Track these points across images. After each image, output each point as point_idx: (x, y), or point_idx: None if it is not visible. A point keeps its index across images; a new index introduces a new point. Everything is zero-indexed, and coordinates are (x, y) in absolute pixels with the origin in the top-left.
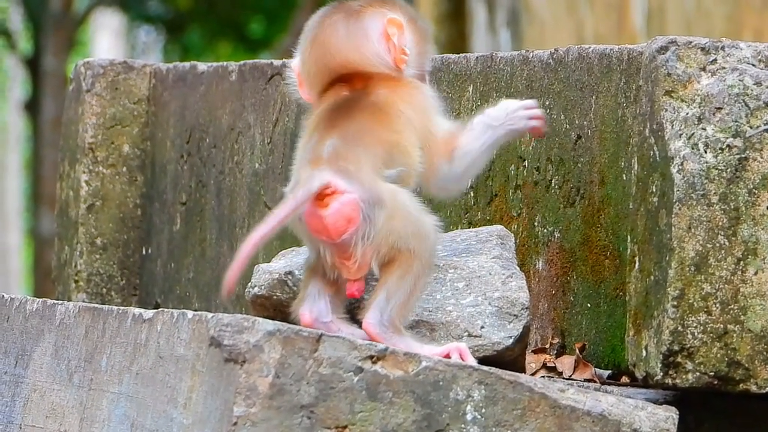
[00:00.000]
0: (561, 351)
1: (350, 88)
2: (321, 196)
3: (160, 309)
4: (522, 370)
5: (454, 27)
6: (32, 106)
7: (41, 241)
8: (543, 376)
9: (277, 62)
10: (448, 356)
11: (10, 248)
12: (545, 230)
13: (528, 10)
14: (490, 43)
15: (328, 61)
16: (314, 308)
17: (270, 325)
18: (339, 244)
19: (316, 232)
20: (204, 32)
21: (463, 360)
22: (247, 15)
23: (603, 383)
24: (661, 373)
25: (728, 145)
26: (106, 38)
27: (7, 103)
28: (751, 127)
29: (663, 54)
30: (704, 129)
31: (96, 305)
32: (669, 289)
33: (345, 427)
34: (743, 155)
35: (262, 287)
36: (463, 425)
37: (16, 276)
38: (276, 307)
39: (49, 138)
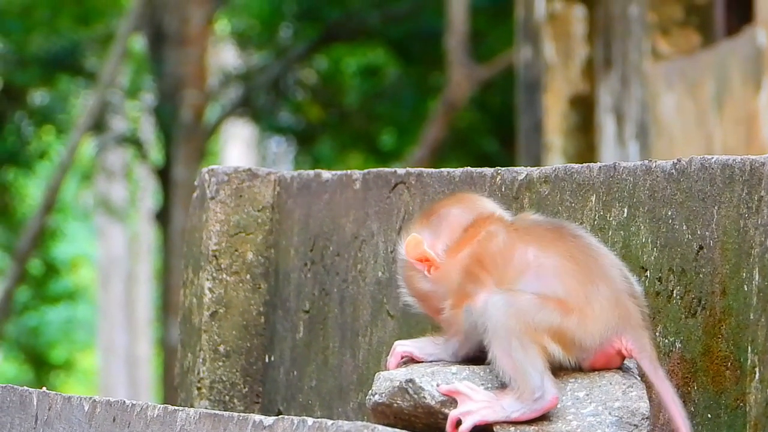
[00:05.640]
0: None
1: None
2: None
3: (280, 416)
4: None
5: (583, 139)
6: (163, 216)
7: (170, 351)
8: None
9: (401, 171)
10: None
11: (140, 358)
12: (666, 341)
13: (657, 123)
14: (618, 155)
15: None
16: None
17: None
18: None
19: (602, 366)
20: (335, 144)
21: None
22: (379, 127)
23: None
24: None
25: None
26: (237, 149)
27: (138, 213)
28: None
29: None
30: None
31: (216, 412)
32: None
33: None
34: None
35: (383, 395)
36: None
37: (145, 386)
38: (397, 415)
39: (179, 248)
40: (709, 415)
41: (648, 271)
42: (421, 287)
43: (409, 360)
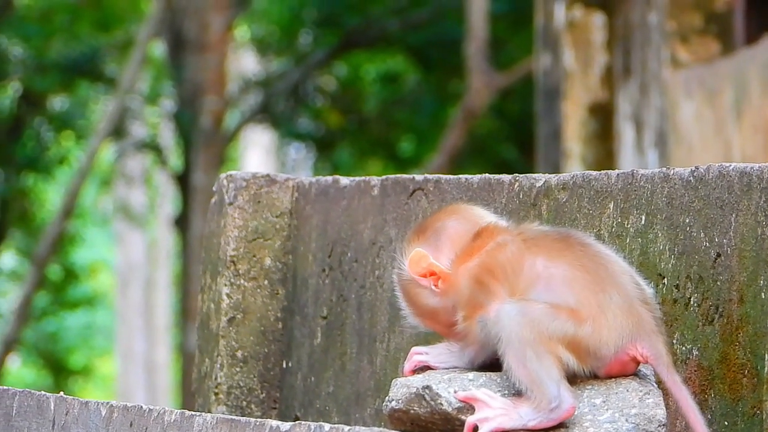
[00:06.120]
0: None
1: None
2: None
3: (297, 421)
4: None
5: (602, 147)
6: (181, 222)
7: (189, 356)
8: None
9: (419, 177)
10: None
11: (158, 364)
12: (684, 348)
13: (676, 131)
14: (637, 162)
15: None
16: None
17: None
18: None
19: (617, 373)
20: (354, 150)
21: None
22: (398, 134)
23: None
24: None
25: None
26: (256, 155)
27: (157, 218)
28: None
29: None
30: None
31: (233, 417)
32: None
33: None
34: None
35: (400, 401)
36: None
37: (164, 392)
38: (413, 421)
39: (198, 254)
40: (726, 423)
41: (665, 279)
42: (429, 303)
43: (425, 367)
